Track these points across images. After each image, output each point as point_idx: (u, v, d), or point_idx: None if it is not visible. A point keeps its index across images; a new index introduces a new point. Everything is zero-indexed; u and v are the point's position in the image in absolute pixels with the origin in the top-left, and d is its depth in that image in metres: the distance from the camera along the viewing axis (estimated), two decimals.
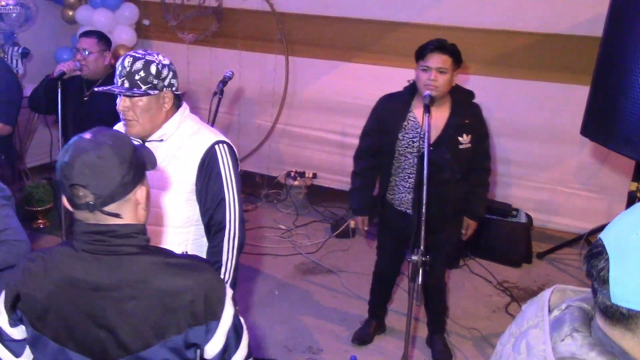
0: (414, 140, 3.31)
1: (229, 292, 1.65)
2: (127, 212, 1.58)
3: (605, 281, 1.05)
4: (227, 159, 2.39)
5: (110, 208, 1.56)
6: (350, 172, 3.70)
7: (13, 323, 1.64)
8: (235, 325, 1.64)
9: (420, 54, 3.22)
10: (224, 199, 2.38)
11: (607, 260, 1.06)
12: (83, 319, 1.57)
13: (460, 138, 3.28)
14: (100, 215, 1.56)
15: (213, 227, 2.41)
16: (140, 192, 1.61)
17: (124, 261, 1.58)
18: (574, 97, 4.67)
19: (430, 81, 3.15)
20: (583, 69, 4.55)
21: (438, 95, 3.18)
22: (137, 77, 2.22)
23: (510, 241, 5.00)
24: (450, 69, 3.18)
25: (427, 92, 3.09)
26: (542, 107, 4.97)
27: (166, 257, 1.63)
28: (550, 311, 1.23)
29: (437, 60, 3.15)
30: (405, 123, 3.34)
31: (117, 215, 1.57)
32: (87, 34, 3.96)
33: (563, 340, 1.12)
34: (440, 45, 3.17)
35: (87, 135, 1.59)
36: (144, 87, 2.24)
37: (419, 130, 3.28)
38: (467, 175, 3.41)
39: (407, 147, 3.34)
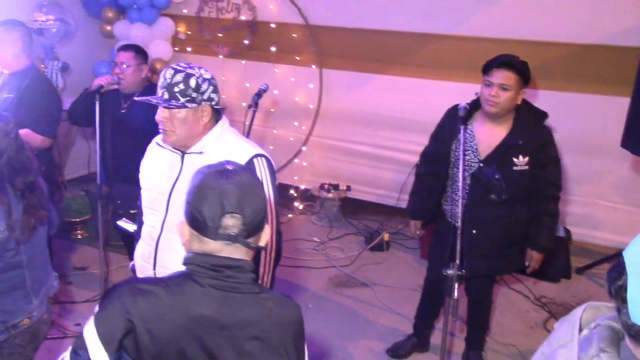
0: (466, 153, 3.22)
1: None
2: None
3: (624, 300, 1.02)
4: (265, 172, 2.39)
5: (251, 240, 1.55)
6: (383, 185, 3.68)
7: None
8: None
9: (486, 68, 3.14)
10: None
11: (626, 279, 1.02)
12: (203, 359, 1.52)
13: (515, 159, 3.14)
14: (235, 248, 1.54)
15: None
16: (267, 228, 1.63)
17: (248, 299, 1.55)
18: (614, 109, 4.58)
19: (490, 97, 3.08)
20: (623, 80, 4.47)
21: (498, 112, 3.12)
22: (176, 89, 2.25)
23: (548, 256, 4.86)
24: (514, 86, 3.07)
25: (462, 105, 3.04)
26: (581, 119, 4.88)
27: (270, 294, 1.63)
28: (581, 330, 1.20)
29: (500, 76, 3.06)
30: (455, 141, 3.28)
31: (258, 248, 1.58)
32: (125, 47, 4.02)
33: None
34: (507, 62, 3.08)
35: (221, 166, 1.59)
36: (182, 100, 2.25)
37: (472, 143, 3.22)
38: (524, 200, 3.27)
39: (458, 159, 3.28)
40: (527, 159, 3.16)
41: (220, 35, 6.17)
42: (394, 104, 5.48)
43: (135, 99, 2.28)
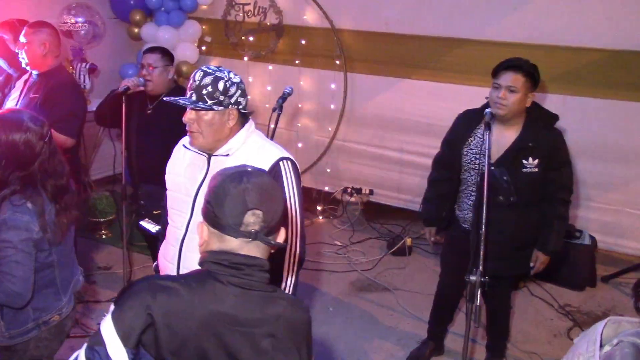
0: (477, 157, 3.24)
1: None
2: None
3: None
4: (290, 175, 2.40)
5: (271, 238, 1.58)
6: (407, 190, 3.67)
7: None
8: None
9: (495, 71, 3.16)
10: (286, 216, 2.38)
11: None
12: (222, 356, 1.54)
13: (525, 161, 3.15)
14: (254, 246, 1.57)
15: None
16: (283, 231, 1.66)
17: (264, 297, 1.58)
18: None
19: (498, 99, 3.08)
20: None
21: (507, 115, 3.12)
22: (204, 91, 2.26)
23: (573, 263, 4.83)
24: (522, 88, 3.07)
25: (488, 110, 3.04)
26: (609, 126, 4.80)
27: (283, 294, 1.67)
28: (602, 345, 1.17)
29: (508, 78, 3.07)
30: (471, 138, 3.28)
31: (279, 245, 1.61)
32: (151, 50, 4.07)
33: None
34: (514, 64, 3.09)
35: (242, 167, 1.64)
36: (209, 102, 2.26)
37: (483, 147, 3.21)
38: (534, 203, 3.25)
39: (469, 163, 3.29)
40: (537, 161, 3.15)
41: (246, 38, 6.20)
42: (418, 108, 5.45)
43: (165, 99, 2.30)
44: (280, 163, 2.39)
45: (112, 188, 5.72)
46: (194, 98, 2.27)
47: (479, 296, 2.66)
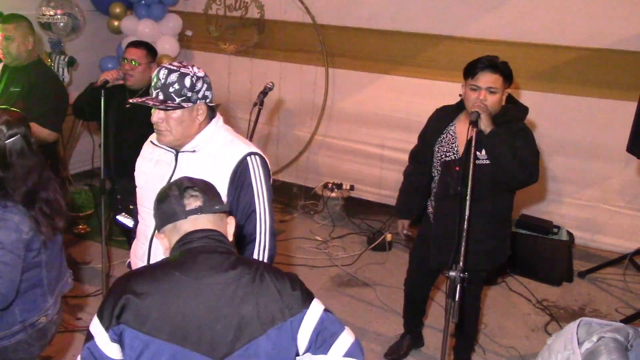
0: (447, 154, 3.24)
1: None
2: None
3: None
4: (259, 170, 2.37)
5: (217, 208, 1.83)
6: (387, 185, 3.67)
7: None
8: None
9: (470, 72, 3.08)
10: (254, 211, 2.36)
11: None
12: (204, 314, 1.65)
13: (478, 153, 3.05)
14: (206, 220, 1.77)
15: (243, 239, 2.40)
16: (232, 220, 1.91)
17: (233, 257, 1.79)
18: (620, 114, 4.57)
19: (480, 101, 3.02)
20: (630, 85, 4.47)
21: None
22: (171, 89, 2.24)
23: (550, 259, 4.89)
24: (500, 88, 3.04)
25: (474, 110, 2.96)
26: (587, 123, 4.87)
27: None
28: (580, 343, 1.19)
29: (487, 79, 3.02)
30: (444, 136, 3.27)
31: (223, 209, 1.83)
32: (136, 44, 3.99)
33: None
34: (492, 64, 3.03)
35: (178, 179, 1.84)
36: (178, 100, 2.25)
37: (453, 144, 3.22)
38: (486, 195, 3.13)
39: (439, 160, 3.28)
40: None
41: (227, 32, 6.17)
42: (399, 104, 5.48)
43: (130, 101, 2.28)
44: (248, 158, 2.36)
45: (91, 182, 5.68)
46: (161, 97, 2.25)
47: (458, 292, 2.66)
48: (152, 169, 2.46)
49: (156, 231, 1.80)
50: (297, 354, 1.71)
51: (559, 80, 4.86)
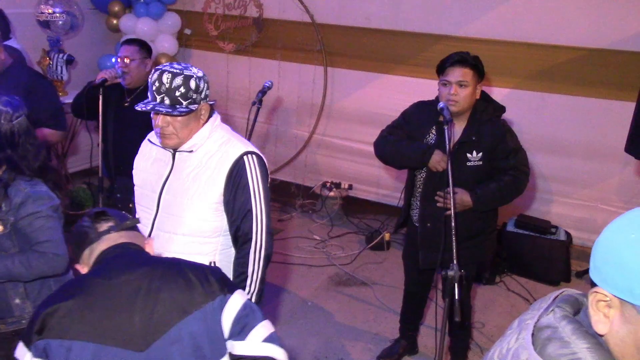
0: None
1: None
2: None
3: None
4: (255, 170, 2.37)
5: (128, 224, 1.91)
6: (385, 185, 3.64)
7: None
8: None
9: (441, 68, 3.13)
10: (250, 211, 2.36)
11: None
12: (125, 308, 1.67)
13: (469, 154, 3.14)
14: (118, 236, 1.82)
15: (240, 238, 2.40)
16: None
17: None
18: (619, 114, 4.57)
19: (450, 96, 3.06)
20: (628, 84, 4.46)
21: (460, 110, 3.10)
22: (177, 93, 2.22)
23: (548, 259, 4.90)
24: (471, 82, 3.06)
25: (441, 104, 2.94)
26: (585, 123, 4.87)
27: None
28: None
29: (457, 73, 3.05)
30: (428, 136, 3.28)
31: (134, 222, 1.92)
32: (129, 42, 4.02)
33: (547, 315, 1.18)
34: (460, 59, 3.07)
35: None
36: (185, 103, 2.24)
37: (441, 144, 3.22)
38: None
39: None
40: (480, 154, 3.14)
41: (226, 31, 6.17)
42: (398, 104, 5.41)
43: (138, 108, 2.27)
44: (245, 157, 2.36)
45: (89, 180, 5.67)
46: (167, 102, 2.23)
47: (456, 291, 2.66)
48: (149, 168, 2.47)
49: (78, 263, 1.84)
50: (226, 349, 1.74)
51: (557, 80, 4.86)
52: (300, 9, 5.74)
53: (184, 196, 2.35)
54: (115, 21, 6.14)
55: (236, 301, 1.73)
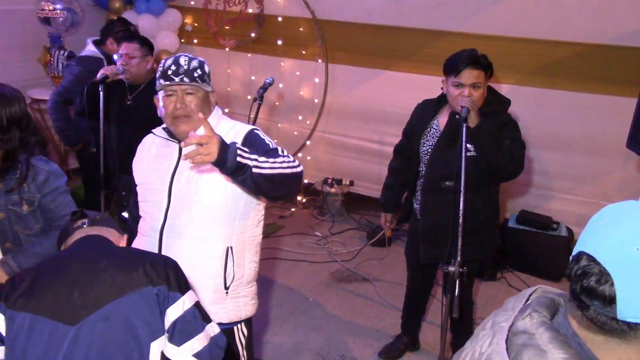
0: (432, 148, 3.25)
1: None
2: None
3: (612, 301, 1.04)
4: (266, 136, 2.41)
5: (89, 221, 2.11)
6: None
7: None
8: None
9: (453, 69, 3.07)
10: (274, 149, 2.30)
11: (609, 281, 1.04)
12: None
13: (468, 145, 3.02)
14: (89, 229, 2.04)
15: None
16: None
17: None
18: (620, 110, 4.55)
19: (464, 98, 3.01)
20: (630, 80, 4.44)
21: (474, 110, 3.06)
22: (195, 74, 2.33)
23: (550, 255, 4.89)
24: (483, 82, 3.05)
25: (464, 106, 2.94)
26: (587, 119, 4.85)
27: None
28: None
29: (471, 76, 3.01)
30: (428, 130, 3.29)
31: (103, 217, 2.14)
32: (129, 38, 4.01)
33: (523, 319, 1.16)
34: (474, 60, 3.02)
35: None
36: (202, 84, 2.36)
37: (437, 138, 3.23)
38: (477, 187, 3.11)
39: (425, 155, 3.28)
40: (474, 145, 3.07)
41: (227, 27, 6.16)
42: (399, 100, 5.45)
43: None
44: (254, 131, 2.41)
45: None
46: (187, 80, 2.31)
47: (457, 287, 2.67)
48: (152, 165, 2.47)
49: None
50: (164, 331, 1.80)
51: (559, 76, 4.84)
52: (301, 5, 5.73)
53: (198, 181, 2.35)
54: (115, 17, 6.12)
55: (184, 303, 1.80)
